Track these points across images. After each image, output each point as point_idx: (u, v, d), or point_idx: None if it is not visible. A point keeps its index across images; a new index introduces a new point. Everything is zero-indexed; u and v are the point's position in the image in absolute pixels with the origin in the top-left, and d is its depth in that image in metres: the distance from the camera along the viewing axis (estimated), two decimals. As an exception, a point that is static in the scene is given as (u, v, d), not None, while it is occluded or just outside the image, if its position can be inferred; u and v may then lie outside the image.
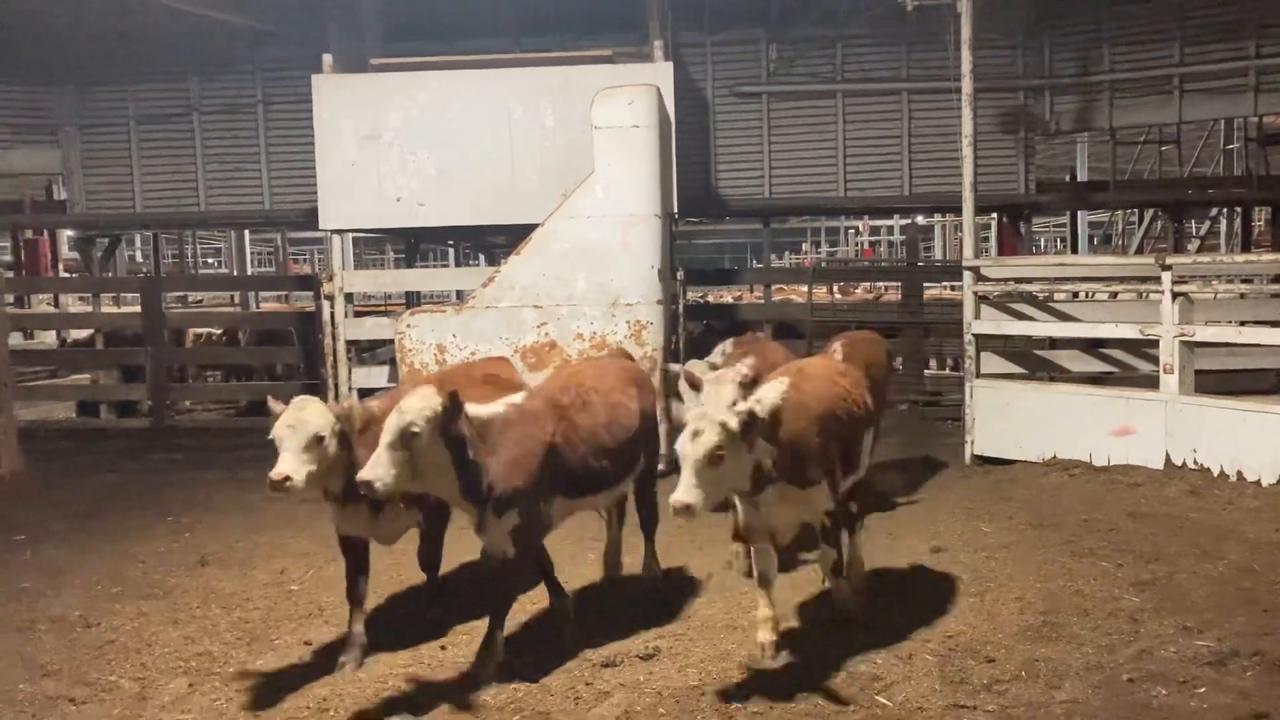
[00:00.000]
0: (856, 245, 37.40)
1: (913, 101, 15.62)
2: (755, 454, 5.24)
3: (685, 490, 4.93)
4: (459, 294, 18.19)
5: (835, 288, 23.03)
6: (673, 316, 11.26)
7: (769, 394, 5.45)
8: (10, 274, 20.21)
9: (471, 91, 11.39)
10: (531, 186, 11.11)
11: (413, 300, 17.80)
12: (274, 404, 5.59)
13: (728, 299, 18.56)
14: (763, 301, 17.42)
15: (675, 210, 11.97)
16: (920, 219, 29.11)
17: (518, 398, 5.87)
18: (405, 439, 5.03)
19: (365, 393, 11.81)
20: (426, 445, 5.09)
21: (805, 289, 14.79)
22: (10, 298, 13.88)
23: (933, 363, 14.79)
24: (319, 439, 5.34)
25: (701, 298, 17.62)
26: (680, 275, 12.38)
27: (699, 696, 5.28)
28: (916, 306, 13.49)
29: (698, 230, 34.10)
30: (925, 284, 14.48)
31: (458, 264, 23.69)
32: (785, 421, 5.39)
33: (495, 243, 19.54)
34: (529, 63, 12.02)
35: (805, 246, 40.75)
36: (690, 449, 4.99)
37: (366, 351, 13.67)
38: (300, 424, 5.35)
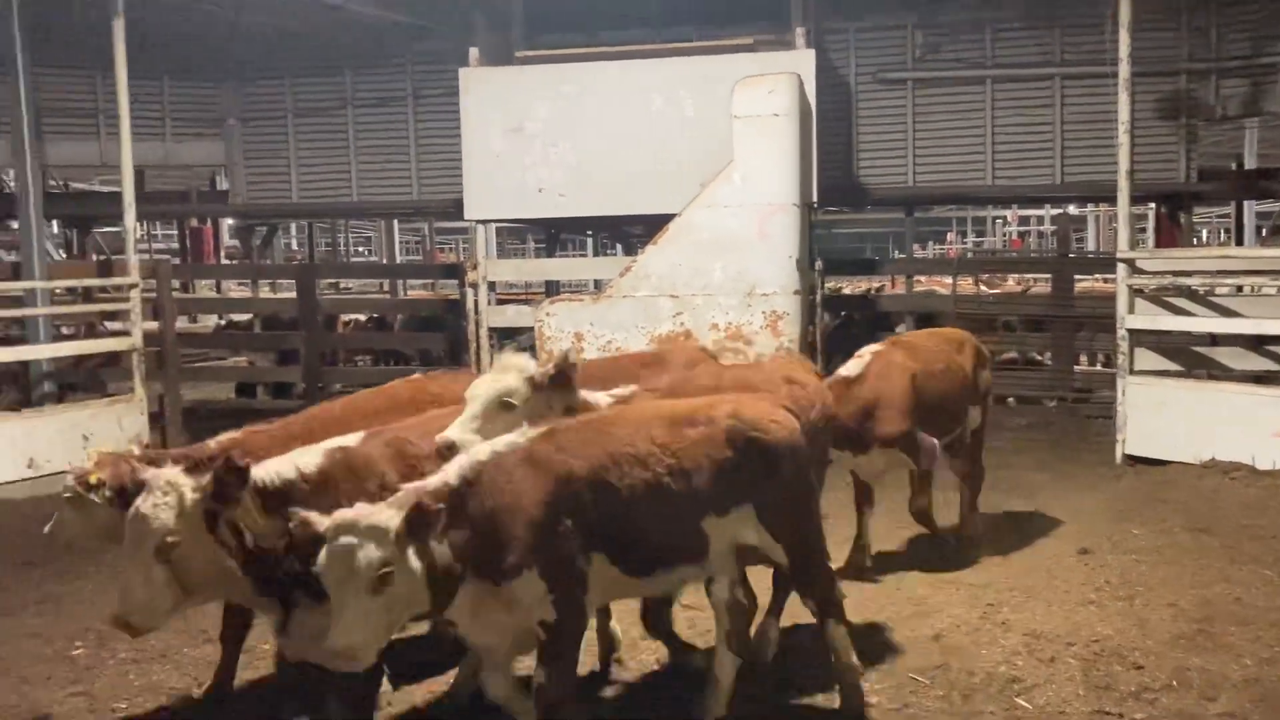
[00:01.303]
0: (1004, 236, 36.26)
1: (1066, 86, 15.03)
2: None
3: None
4: (597, 283, 18.40)
5: (981, 279, 22.38)
6: (810, 307, 11.15)
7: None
8: (177, 260, 21.37)
9: (613, 82, 11.47)
10: (669, 176, 11.12)
11: (552, 289, 18.09)
12: None
13: (868, 290, 18.24)
14: (904, 293, 17.08)
15: (815, 199, 11.82)
16: (1073, 209, 28.02)
17: None
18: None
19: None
20: None
21: (949, 280, 14.40)
22: (176, 283, 14.65)
23: (1083, 358, 14.25)
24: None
25: (839, 289, 17.38)
26: (819, 265, 12.24)
27: (831, 690, 5.22)
28: (1067, 300, 13.00)
29: (838, 220, 33.58)
30: (1077, 276, 13.93)
31: (596, 253, 23.94)
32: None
33: (633, 232, 19.65)
34: (670, 53, 12.03)
35: (950, 237, 39.72)
36: None
37: (508, 338, 13.96)
38: None
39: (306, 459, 4.42)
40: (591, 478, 4.16)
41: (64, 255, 22.10)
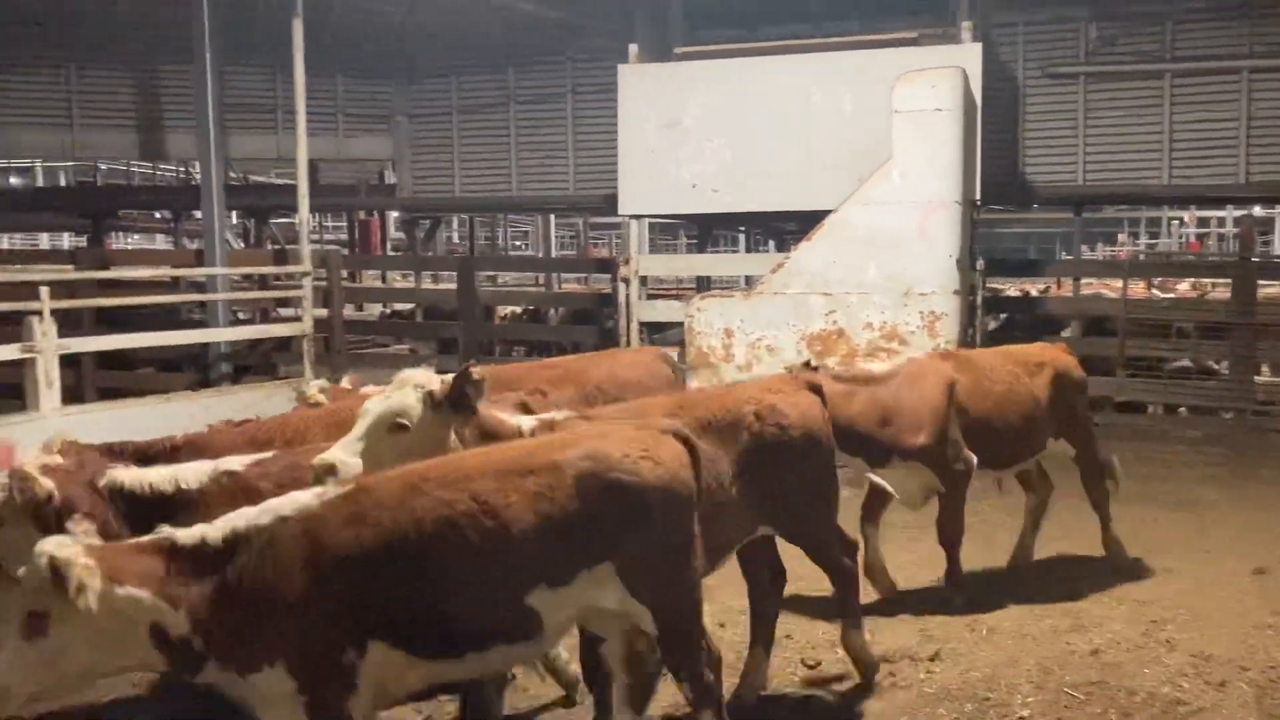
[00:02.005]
0: (1181, 237, 34.45)
1: (1254, 81, 14.16)
2: None
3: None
4: (748, 279, 18.31)
5: (1154, 283, 21.34)
6: (970, 308, 10.82)
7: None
8: (345, 251, 22.27)
9: (770, 78, 11.38)
10: (825, 173, 10.96)
11: (703, 285, 18.08)
12: None
13: (1032, 292, 17.58)
14: (1070, 296, 16.41)
15: (977, 197, 11.47)
16: (1258, 210, 26.41)
17: None
18: None
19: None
20: None
21: (1119, 284, 13.76)
22: (345, 273, 15.26)
23: (1265, 368, 13.40)
24: None
25: (1000, 291, 16.82)
26: (980, 265, 11.85)
27: (981, 700, 5.08)
28: (1248, 306, 12.24)
29: (1001, 219, 32.51)
30: (1261, 282, 13.11)
31: (748, 250, 23.83)
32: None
33: (786, 229, 19.48)
34: (829, 47, 11.86)
35: (1121, 238, 37.96)
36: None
37: (657, 333, 14.03)
38: None
39: (191, 473, 4.23)
40: (382, 551, 3.46)
41: (242, 245, 23.31)
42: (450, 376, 4.16)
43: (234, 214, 22.50)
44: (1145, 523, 8.23)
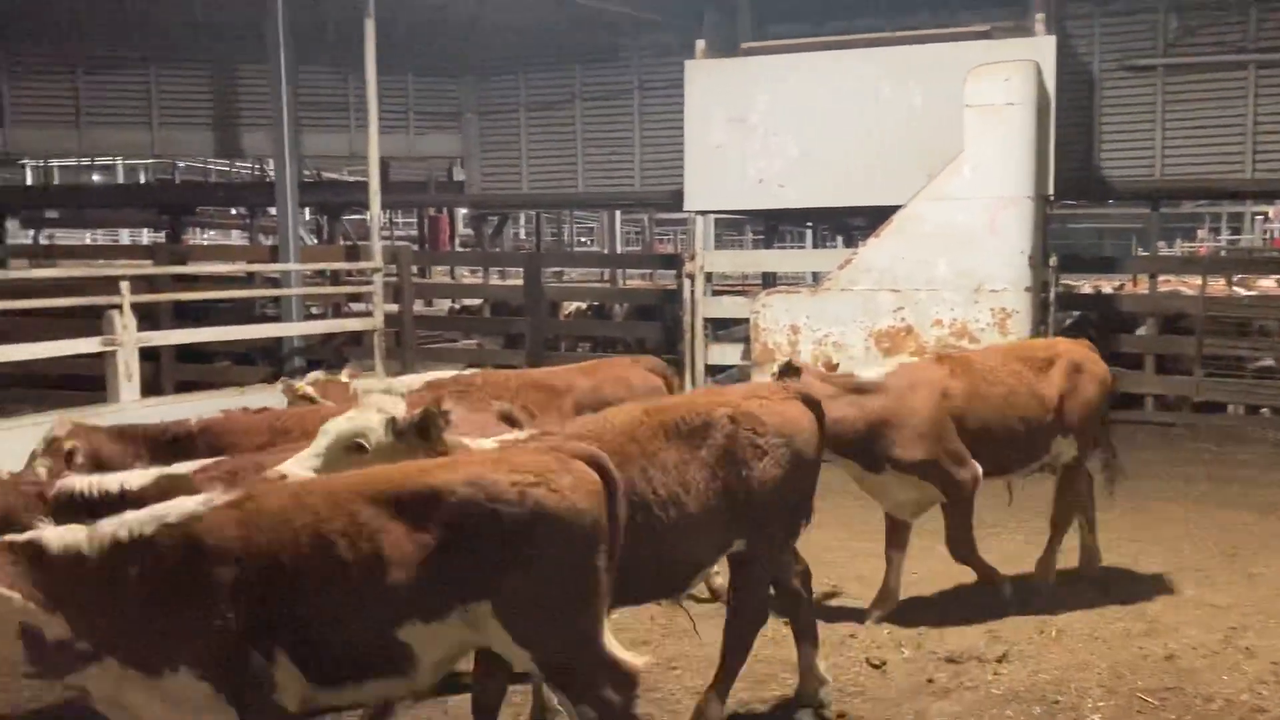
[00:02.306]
0: (1264, 234, 33.46)
1: (1344, 70, 13.72)
2: None
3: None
4: (815, 276, 18.19)
5: (1235, 280, 20.76)
6: (1042, 305, 10.65)
7: None
8: (415, 247, 22.55)
9: (839, 72, 11.29)
10: (894, 168, 10.86)
11: (769, 281, 18.00)
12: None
13: (1106, 289, 17.21)
14: (1147, 293, 16.04)
15: (1050, 192, 11.28)
16: (1345, 205, 25.58)
17: None
18: None
19: (718, 369, 12.14)
20: None
21: (1198, 281, 13.42)
22: (414, 268, 15.45)
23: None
24: None
25: (1073, 287, 16.49)
26: (1053, 262, 11.66)
27: (1050, 704, 5.00)
28: (1334, 304, 11.88)
29: (1075, 214, 31.88)
30: (1348, 279, 12.71)
31: (815, 245, 23.67)
32: None
33: (854, 224, 19.32)
34: (899, 41, 11.74)
35: (1201, 233, 36.99)
36: None
37: (722, 329, 14.01)
38: None
39: (137, 477, 4.18)
40: (258, 563, 3.32)
41: (316, 241, 23.73)
42: (419, 407, 3.99)
43: (307, 210, 22.85)
44: (1225, 526, 8.03)
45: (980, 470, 6.15)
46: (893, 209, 10.45)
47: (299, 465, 3.85)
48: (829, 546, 7.56)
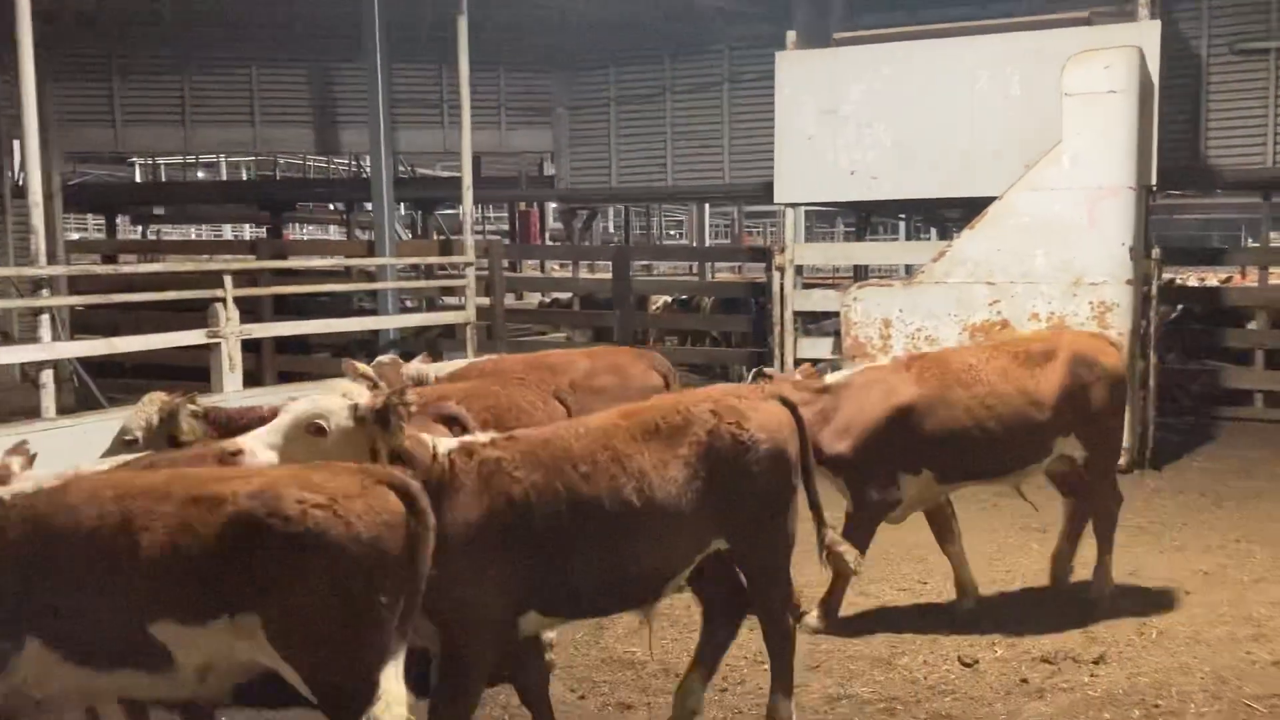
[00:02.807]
0: (1382, 224, 31.93)
1: None
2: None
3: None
4: (908, 268, 17.92)
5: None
6: (1143, 299, 10.34)
7: None
8: (507, 241, 22.83)
9: (934, 61, 11.10)
10: (990, 158, 10.63)
11: (860, 274, 17.80)
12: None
13: (1213, 281, 16.65)
14: (1256, 285, 15.46)
15: (1153, 182, 10.94)
16: None
17: None
18: None
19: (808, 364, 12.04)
20: None
21: (1311, 273, 12.90)
22: (506, 262, 15.64)
23: None
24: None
25: (1173, 280, 15.98)
26: (1155, 253, 11.30)
27: (1150, 707, 4.87)
28: None
29: (1181, 204, 30.84)
30: None
31: (908, 238, 23.32)
32: None
33: (948, 216, 18.99)
34: (997, 29, 11.48)
35: (1315, 225, 35.44)
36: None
37: (812, 323, 13.90)
38: None
39: (89, 466, 4.15)
40: (43, 548, 3.38)
41: (410, 235, 24.18)
42: (382, 393, 3.96)
43: (402, 206, 23.33)
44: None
45: (899, 498, 5.86)
46: (988, 200, 10.24)
47: (257, 440, 3.77)
48: (919, 544, 7.46)
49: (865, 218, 18.72)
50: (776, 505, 4.32)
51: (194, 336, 9.95)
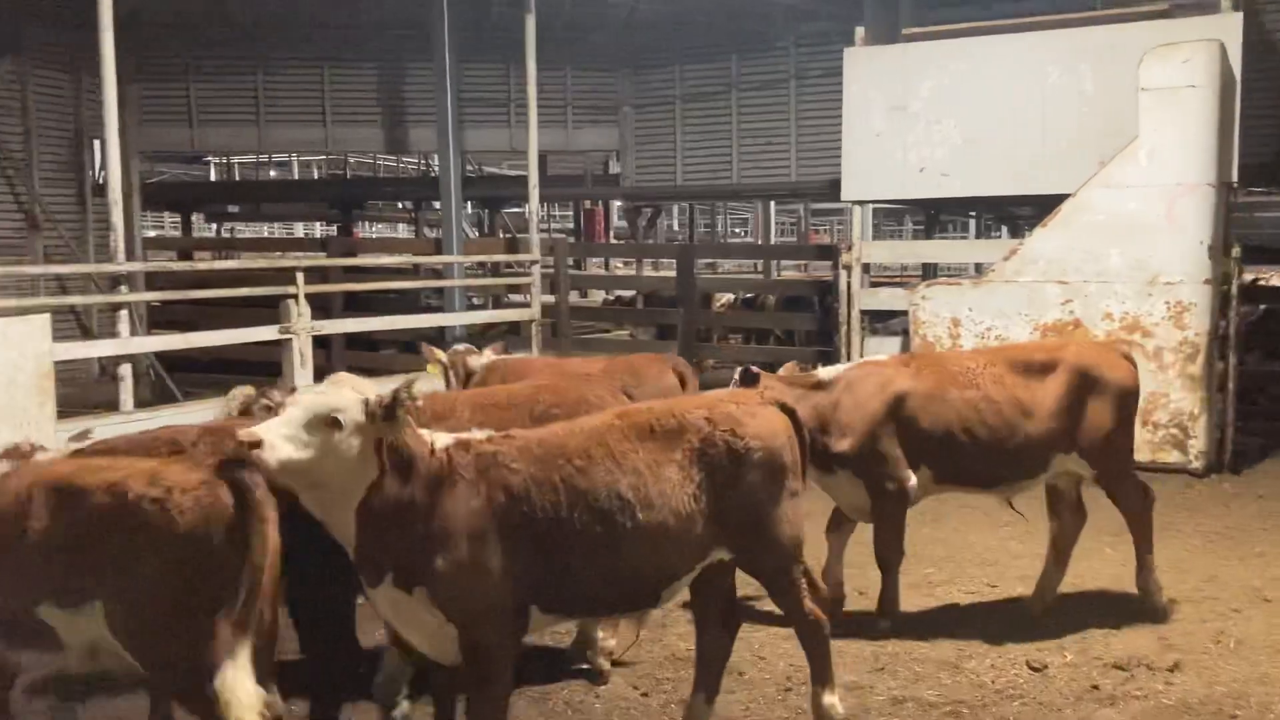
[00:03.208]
0: None
1: None
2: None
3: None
4: (977, 267, 17.68)
5: None
6: (1223, 298, 10.07)
7: None
8: (571, 239, 22.94)
9: (1006, 57, 10.93)
10: (1063, 155, 10.44)
11: (929, 272, 17.60)
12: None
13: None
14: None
15: (1234, 179, 10.65)
16: None
17: None
18: None
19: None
20: None
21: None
22: (570, 260, 15.70)
23: None
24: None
25: (1256, 279, 15.52)
26: (1235, 252, 11.00)
27: (1228, 717, 4.75)
28: None
29: (1265, 202, 29.99)
30: None
31: (978, 236, 23.00)
32: None
33: (1019, 214, 18.69)
34: (1070, 23, 11.27)
35: (1404, 222, 34.26)
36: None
37: (879, 322, 13.76)
38: None
39: (55, 448, 4.36)
40: None
41: (477, 233, 24.40)
42: (388, 388, 3.87)
43: (469, 204, 23.56)
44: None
45: (912, 482, 5.76)
46: (1061, 197, 10.06)
47: (270, 433, 3.68)
48: (989, 546, 7.38)
49: (934, 215, 18.51)
50: (776, 511, 4.23)
51: (267, 332, 10.15)
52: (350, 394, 3.78)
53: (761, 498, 4.19)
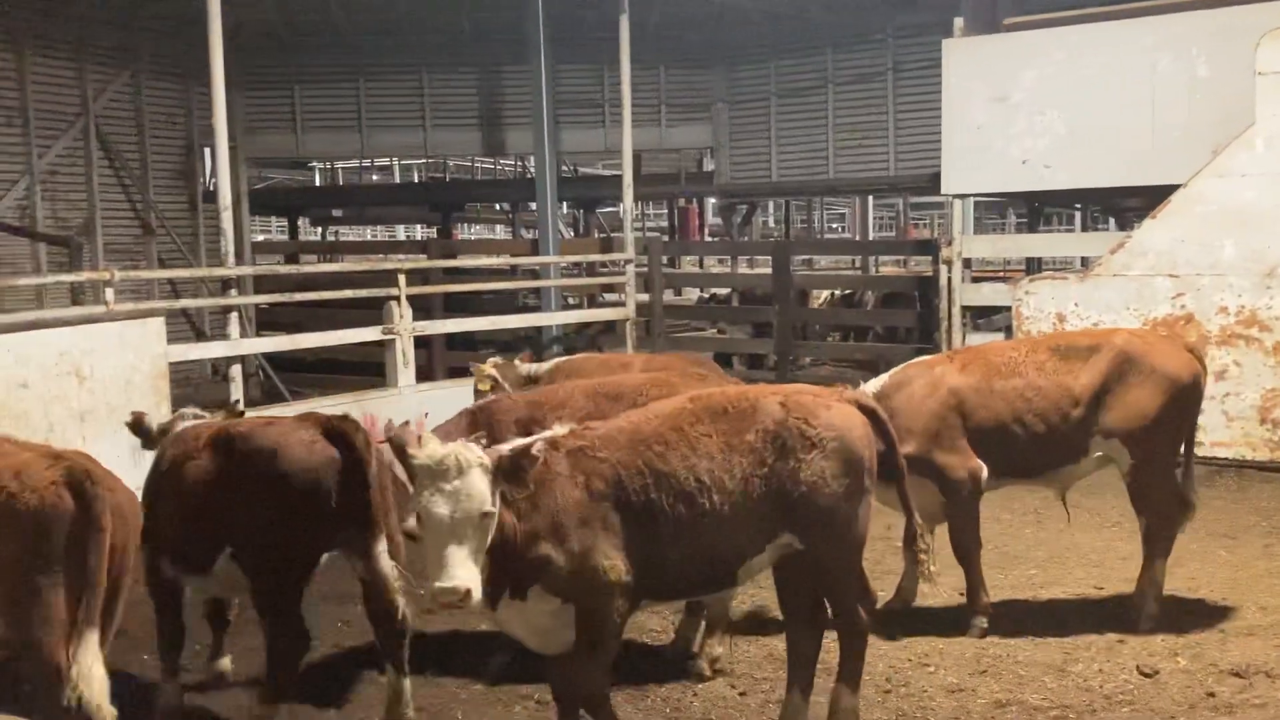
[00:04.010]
0: None
1: None
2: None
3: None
4: (1083, 261, 17.16)
5: None
6: (1348, 290, 9.63)
7: None
8: (666, 238, 22.97)
9: (1112, 44, 10.61)
10: (1173, 143, 10.10)
11: (1032, 266, 17.16)
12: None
13: None
14: None
15: (1360, 166, 10.18)
16: None
17: None
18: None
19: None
20: None
21: None
22: (665, 259, 15.73)
23: None
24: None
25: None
26: (1360, 242, 10.51)
27: (1354, 731, 4.55)
28: None
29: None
30: None
31: (1083, 228, 22.36)
32: None
33: (1127, 205, 18.11)
34: (1180, 7, 10.89)
35: None
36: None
37: (981, 318, 13.49)
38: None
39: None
40: None
41: (572, 234, 24.60)
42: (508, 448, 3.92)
43: (565, 205, 23.77)
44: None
45: (982, 469, 5.75)
46: (1171, 188, 9.74)
47: (470, 579, 3.72)
48: (1094, 547, 7.18)
49: (1037, 208, 18.04)
50: (845, 505, 4.28)
51: (371, 333, 10.40)
52: (479, 479, 3.75)
53: (832, 488, 4.24)
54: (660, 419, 4.23)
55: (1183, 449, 5.96)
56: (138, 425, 5.20)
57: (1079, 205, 21.15)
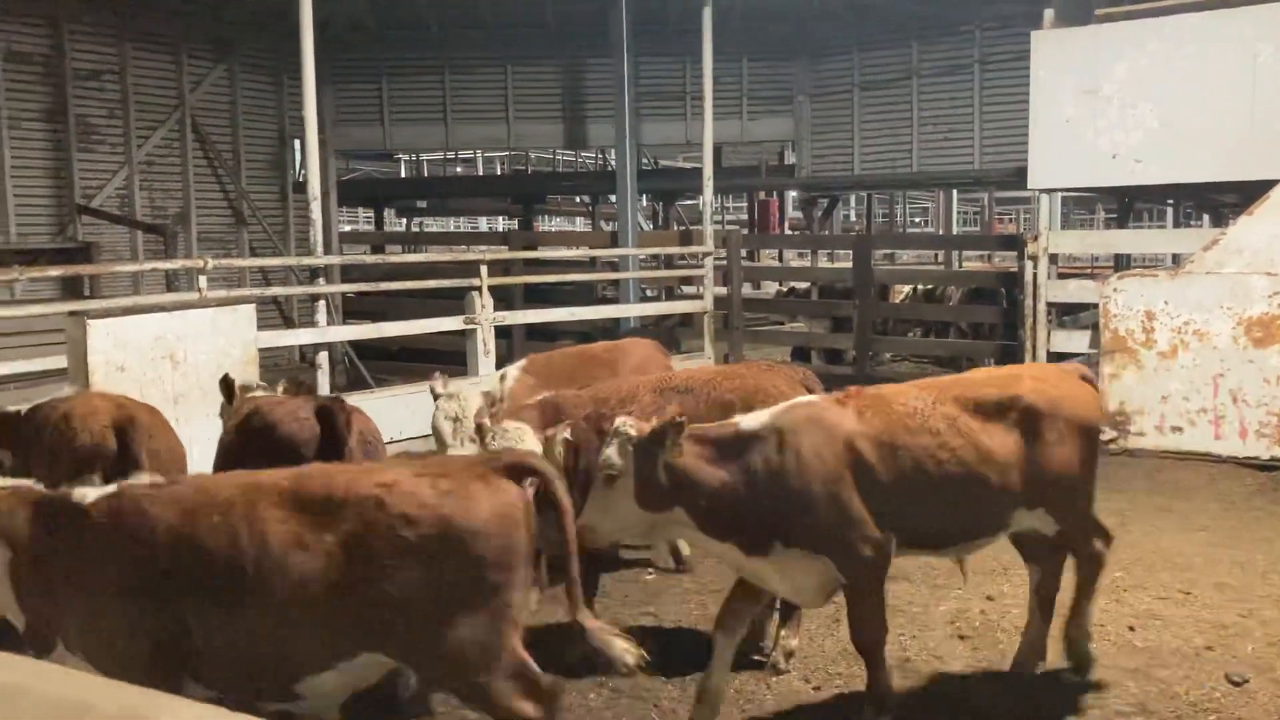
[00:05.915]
0: None
1: None
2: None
3: None
4: (1174, 257, 16.71)
5: None
6: None
7: None
8: (745, 231, 22.90)
9: (1209, 35, 10.30)
10: (1273, 138, 9.76)
11: (1121, 263, 16.74)
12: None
13: None
14: None
15: None
16: None
17: None
18: None
19: (1059, 357, 11.47)
20: None
21: None
22: (744, 252, 15.69)
23: None
24: None
25: None
26: None
27: None
28: None
29: None
30: None
31: (1175, 225, 21.76)
32: None
33: (1222, 201, 17.58)
34: (1285, -5, 10.54)
35: None
36: None
37: (1067, 315, 13.20)
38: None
39: None
40: None
41: (651, 226, 24.64)
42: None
43: (644, 197, 23.82)
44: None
45: (890, 544, 4.52)
46: (1270, 183, 9.43)
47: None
48: (1181, 551, 7.01)
49: (1128, 204, 17.62)
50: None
51: (453, 322, 10.57)
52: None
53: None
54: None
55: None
56: (227, 386, 6.03)
57: (1171, 201, 20.59)
